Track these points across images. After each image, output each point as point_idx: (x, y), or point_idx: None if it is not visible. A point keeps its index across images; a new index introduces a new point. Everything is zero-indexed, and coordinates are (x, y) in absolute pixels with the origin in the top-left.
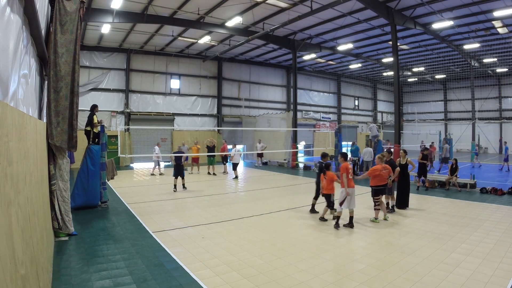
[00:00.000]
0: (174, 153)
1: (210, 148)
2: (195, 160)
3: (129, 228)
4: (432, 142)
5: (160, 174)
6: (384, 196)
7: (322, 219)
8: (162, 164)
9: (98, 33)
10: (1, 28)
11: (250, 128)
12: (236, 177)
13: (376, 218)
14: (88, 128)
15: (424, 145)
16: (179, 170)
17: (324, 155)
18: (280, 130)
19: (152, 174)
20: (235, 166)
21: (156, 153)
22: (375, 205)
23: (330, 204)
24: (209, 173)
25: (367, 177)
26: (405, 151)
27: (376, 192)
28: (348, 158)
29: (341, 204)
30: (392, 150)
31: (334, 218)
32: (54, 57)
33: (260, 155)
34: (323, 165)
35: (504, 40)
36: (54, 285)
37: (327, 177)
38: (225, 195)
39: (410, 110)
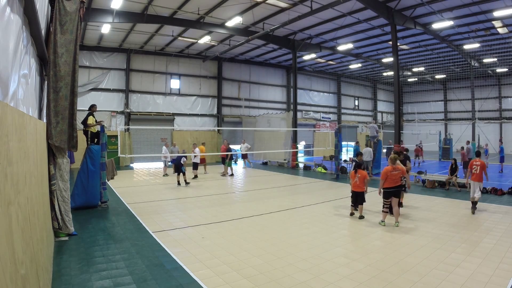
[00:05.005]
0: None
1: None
2: (204, 161)
3: (129, 228)
4: (420, 141)
5: (164, 175)
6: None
7: (362, 217)
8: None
9: (98, 33)
10: (1, 28)
11: (250, 128)
12: (196, 176)
13: (382, 221)
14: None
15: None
16: (177, 168)
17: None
18: (280, 130)
19: (165, 175)
20: (195, 165)
21: (164, 153)
22: (383, 207)
23: (363, 202)
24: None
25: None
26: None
27: (385, 195)
28: (349, 158)
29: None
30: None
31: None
32: (54, 57)
33: (245, 156)
34: (357, 163)
35: (504, 40)
36: (54, 285)
37: (361, 176)
38: (225, 195)
39: (410, 110)
